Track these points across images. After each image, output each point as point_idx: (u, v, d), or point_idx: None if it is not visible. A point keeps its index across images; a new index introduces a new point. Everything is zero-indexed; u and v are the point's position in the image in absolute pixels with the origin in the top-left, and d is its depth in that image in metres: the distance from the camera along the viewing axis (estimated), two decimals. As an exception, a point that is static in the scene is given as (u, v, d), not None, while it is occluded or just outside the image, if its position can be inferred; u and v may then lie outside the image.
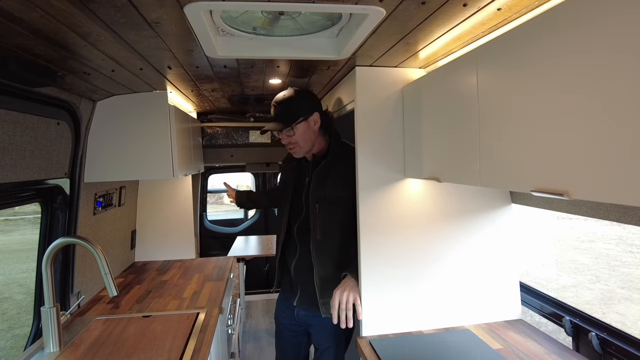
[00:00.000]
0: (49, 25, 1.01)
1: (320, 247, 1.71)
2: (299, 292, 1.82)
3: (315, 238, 1.70)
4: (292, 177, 1.83)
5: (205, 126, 3.19)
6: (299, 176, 1.80)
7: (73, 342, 1.69)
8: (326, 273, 1.72)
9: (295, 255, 1.80)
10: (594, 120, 0.74)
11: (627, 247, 10.84)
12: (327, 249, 1.71)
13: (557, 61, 0.83)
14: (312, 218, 1.70)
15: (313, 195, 1.70)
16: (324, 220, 1.69)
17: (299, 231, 1.77)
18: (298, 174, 1.81)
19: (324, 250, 1.71)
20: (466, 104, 1.21)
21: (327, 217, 1.69)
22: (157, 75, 1.70)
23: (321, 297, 1.73)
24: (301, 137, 1.69)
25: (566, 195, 0.79)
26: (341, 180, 1.72)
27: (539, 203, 1.61)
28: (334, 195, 1.71)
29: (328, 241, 1.71)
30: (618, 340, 1.39)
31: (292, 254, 1.82)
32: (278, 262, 1.90)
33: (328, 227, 1.70)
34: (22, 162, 1.47)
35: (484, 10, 1.06)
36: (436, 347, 1.59)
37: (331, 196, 1.70)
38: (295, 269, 1.81)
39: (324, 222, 1.69)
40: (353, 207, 1.69)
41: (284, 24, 1.34)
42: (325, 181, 1.71)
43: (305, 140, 1.71)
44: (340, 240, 1.73)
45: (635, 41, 0.65)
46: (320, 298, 1.73)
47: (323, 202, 1.70)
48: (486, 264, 1.80)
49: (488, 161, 1.10)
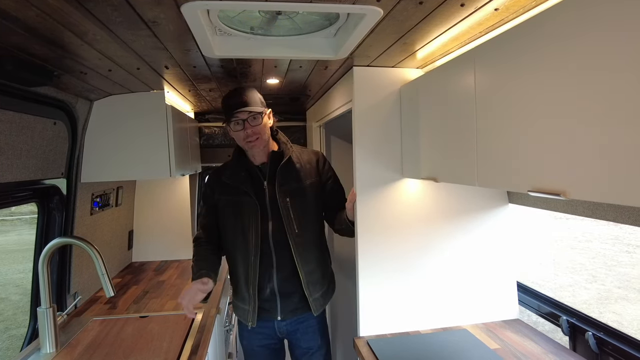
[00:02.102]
0: (45, 24, 1.01)
1: (300, 240, 1.66)
2: (279, 305, 1.70)
3: (293, 233, 1.65)
4: (249, 186, 1.66)
5: (202, 126, 3.19)
6: (254, 183, 1.67)
7: (70, 342, 1.68)
8: (309, 267, 1.69)
9: (273, 266, 1.67)
10: (591, 122, 0.74)
11: (624, 247, 10.88)
12: (305, 242, 1.68)
13: (555, 62, 0.83)
14: (285, 215, 1.65)
15: (281, 192, 1.65)
16: (297, 212, 1.66)
17: (275, 235, 1.66)
18: (252, 182, 1.67)
19: (304, 244, 1.67)
20: (464, 104, 1.21)
21: (300, 207, 1.67)
22: (154, 75, 1.69)
23: (310, 294, 1.69)
24: (264, 128, 1.62)
25: (563, 195, 0.79)
26: (306, 169, 1.72)
27: (536, 203, 1.62)
28: (303, 185, 1.69)
29: (305, 233, 1.68)
30: (614, 339, 1.40)
31: (268, 268, 1.68)
32: (251, 291, 1.67)
33: (303, 217, 1.67)
34: (19, 162, 1.47)
35: (481, 10, 1.06)
36: (434, 347, 1.59)
37: (300, 186, 1.69)
38: (278, 281, 1.68)
39: (298, 214, 1.66)
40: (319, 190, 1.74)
41: (281, 24, 1.33)
42: (290, 174, 1.68)
43: (265, 133, 1.64)
44: (315, 229, 1.74)
45: (633, 45, 0.66)
46: (310, 295, 1.69)
47: (294, 194, 1.66)
48: (483, 264, 1.81)
49: (485, 161, 1.11)
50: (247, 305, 1.70)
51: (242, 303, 1.73)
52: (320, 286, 1.74)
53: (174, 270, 2.76)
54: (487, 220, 1.79)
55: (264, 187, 1.67)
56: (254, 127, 1.59)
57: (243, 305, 1.73)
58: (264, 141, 1.64)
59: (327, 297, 1.79)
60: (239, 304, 1.76)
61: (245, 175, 1.68)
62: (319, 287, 1.73)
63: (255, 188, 1.67)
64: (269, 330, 1.77)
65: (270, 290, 1.69)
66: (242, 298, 1.73)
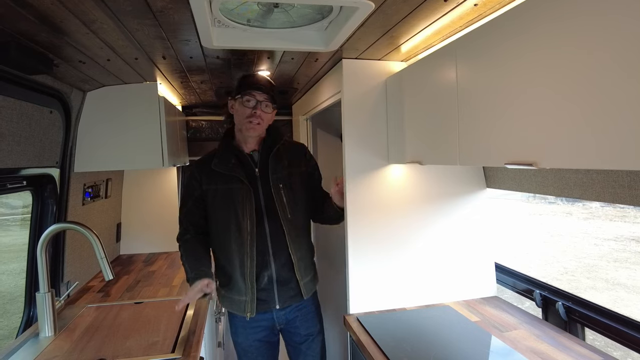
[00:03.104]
0: (57, 11, 1.06)
1: (292, 225, 1.69)
2: (277, 293, 1.70)
3: (286, 219, 1.67)
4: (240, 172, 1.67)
5: (189, 119, 3.22)
6: (246, 171, 1.68)
7: (67, 327, 1.72)
8: (301, 252, 1.72)
9: (269, 253, 1.68)
10: (556, 102, 0.86)
11: (592, 240, 11.40)
12: (297, 227, 1.72)
13: (525, 50, 0.95)
14: (278, 199, 1.67)
15: (274, 178, 1.69)
16: (289, 198, 1.70)
17: (270, 221, 1.68)
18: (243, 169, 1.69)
19: (296, 229, 1.71)
20: (446, 92, 1.32)
21: (291, 194, 1.71)
22: (150, 66, 1.74)
23: (302, 277, 1.72)
24: (269, 119, 1.68)
25: (534, 165, 0.91)
26: (294, 159, 1.77)
27: (511, 185, 1.76)
28: (293, 172, 1.74)
29: (297, 218, 1.72)
30: (581, 307, 1.55)
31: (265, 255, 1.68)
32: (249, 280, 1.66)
33: (294, 203, 1.71)
34: (18, 148, 1.50)
35: (462, 6, 1.18)
36: (420, 321, 1.70)
37: (290, 174, 1.73)
38: (276, 267, 1.69)
39: (290, 200, 1.70)
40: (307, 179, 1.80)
41: (276, 17, 1.42)
42: (280, 162, 1.72)
43: (267, 124, 1.68)
44: (305, 216, 1.78)
45: (583, 33, 0.78)
46: (301, 280, 1.71)
47: (285, 181, 1.71)
48: (464, 245, 1.94)
49: (465, 142, 1.22)
50: (244, 296, 1.67)
51: (237, 295, 1.68)
52: (309, 271, 1.78)
53: (163, 261, 2.80)
54: (467, 204, 1.92)
55: (255, 174, 1.69)
56: (263, 113, 1.63)
57: (238, 297, 1.68)
58: (262, 129, 1.67)
59: (314, 282, 1.82)
60: (233, 296, 1.70)
61: (236, 163, 1.68)
62: (309, 272, 1.77)
63: (248, 175, 1.68)
64: (267, 322, 1.74)
65: (267, 279, 1.68)
66: (237, 290, 1.68)
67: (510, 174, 1.77)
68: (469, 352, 1.44)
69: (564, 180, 1.44)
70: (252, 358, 1.77)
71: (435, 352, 1.44)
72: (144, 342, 1.56)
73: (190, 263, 1.67)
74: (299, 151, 1.82)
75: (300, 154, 1.82)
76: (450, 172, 1.91)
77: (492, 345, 1.48)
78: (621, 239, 11.35)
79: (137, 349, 1.50)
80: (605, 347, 1.57)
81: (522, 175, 1.69)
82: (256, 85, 1.61)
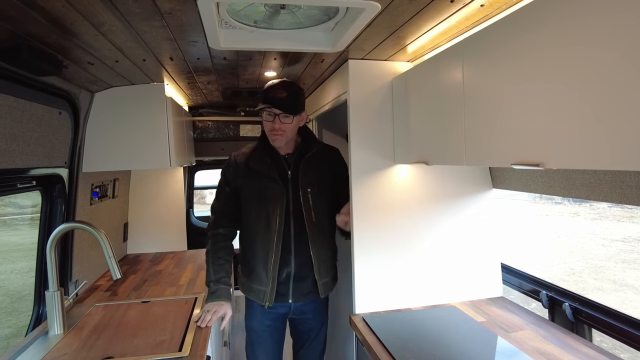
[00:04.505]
0: (68, 14, 1.08)
1: (316, 229, 1.80)
2: (291, 288, 1.83)
3: (310, 221, 1.78)
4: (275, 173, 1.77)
5: (196, 120, 3.24)
6: (279, 170, 1.79)
7: (76, 325, 1.74)
8: (322, 254, 1.83)
9: (292, 252, 1.79)
10: (563, 103, 0.86)
11: (600, 241, 11.31)
12: (320, 231, 1.82)
13: (533, 50, 0.95)
14: (305, 203, 1.78)
15: (303, 182, 1.78)
16: (315, 202, 1.79)
17: (296, 222, 1.78)
18: (279, 169, 1.79)
19: (319, 232, 1.81)
20: (452, 92, 1.32)
21: (318, 198, 1.80)
22: (157, 67, 1.76)
23: (320, 277, 1.83)
24: (292, 128, 1.74)
25: (541, 166, 0.91)
26: (326, 163, 1.86)
27: (518, 186, 1.75)
28: (321, 179, 1.82)
29: (321, 222, 1.81)
30: (587, 308, 1.54)
31: (287, 253, 1.79)
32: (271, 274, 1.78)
33: (319, 208, 1.80)
34: (28, 149, 1.52)
35: (469, 6, 1.18)
36: (425, 321, 1.70)
37: (319, 180, 1.82)
38: (296, 265, 1.80)
39: (315, 204, 1.79)
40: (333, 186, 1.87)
41: (283, 18, 1.43)
42: (311, 168, 1.80)
43: (291, 132, 1.75)
44: (329, 220, 1.86)
45: (593, 35, 0.78)
46: (319, 279, 1.83)
47: (313, 186, 1.79)
48: (470, 245, 1.93)
49: (472, 142, 1.22)
50: (265, 287, 1.79)
51: (258, 284, 1.81)
52: (330, 272, 1.90)
53: (170, 260, 2.82)
54: (473, 204, 1.92)
55: (288, 176, 1.79)
56: (282, 124, 1.69)
57: (259, 286, 1.81)
58: (286, 138, 1.75)
59: (333, 283, 1.94)
60: (253, 285, 1.83)
61: (272, 163, 1.78)
62: (329, 273, 1.89)
63: (281, 176, 1.78)
64: (284, 310, 1.88)
65: (286, 274, 1.80)
66: (258, 280, 1.81)
67: (516, 174, 1.76)
68: (474, 352, 1.44)
69: (571, 181, 1.43)
70: (262, 341, 1.91)
71: (441, 353, 1.44)
72: (151, 340, 1.58)
73: (215, 267, 1.82)
74: (331, 156, 1.91)
75: (332, 158, 1.91)
76: (457, 173, 1.90)
77: (498, 345, 1.48)
78: (629, 239, 11.24)
79: (144, 347, 1.51)
80: (613, 349, 1.56)
81: (529, 176, 1.68)
82: (271, 100, 1.67)
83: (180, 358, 1.44)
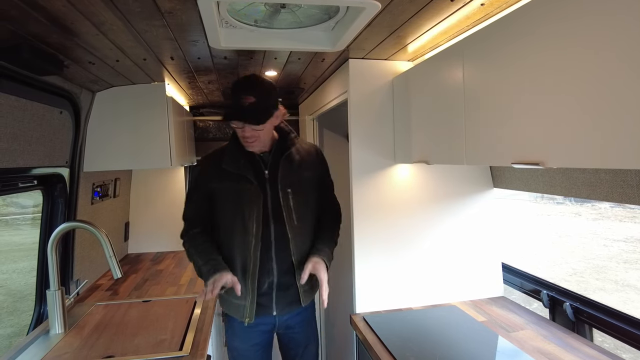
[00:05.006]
0: (68, 13, 1.08)
1: (298, 232, 1.61)
2: (275, 299, 1.64)
3: (292, 224, 1.60)
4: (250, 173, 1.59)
5: (197, 120, 3.25)
6: (255, 171, 1.60)
7: (77, 324, 1.74)
8: (303, 259, 1.62)
9: (273, 259, 1.61)
10: (563, 101, 0.86)
11: (601, 241, 11.28)
12: (302, 235, 1.63)
13: (532, 51, 0.95)
14: (285, 205, 1.60)
15: (283, 182, 1.60)
16: (297, 203, 1.62)
17: (276, 225, 1.60)
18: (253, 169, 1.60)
19: (302, 235, 1.63)
20: (453, 91, 1.32)
21: (300, 199, 1.63)
22: (158, 66, 1.76)
23: (302, 285, 1.63)
24: (266, 132, 1.57)
25: (541, 165, 0.91)
26: (306, 163, 1.67)
27: (519, 185, 1.75)
28: (302, 177, 1.65)
29: (303, 225, 1.64)
30: (588, 308, 1.53)
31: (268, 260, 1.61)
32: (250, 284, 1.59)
33: (301, 208, 1.63)
34: (29, 148, 1.52)
35: (469, 5, 1.18)
36: (426, 320, 1.70)
37: (300, 179, 1.64)
38: (278, 273, 1.62)
39: (297, 205, 1.62)
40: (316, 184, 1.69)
41: (283, 17, 1.43)
42: (292, 166, 1.62)
43: (267, 135, 1.58)
44: (311, 222, 1.69)
45: (592, 34, 0.78)
46: (301, 287, 1.64)
47: (294, 185, 1.62)
48: (471, 245, 1.93)
49: (472, 141, 1.22)
50: (244, 301, 1.60)
51: (236, 298, 1.61)
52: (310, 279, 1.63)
53: (171, 260, 2.82)
54: (474, 204, 1.92)
55: (265, 176, 1.61)
56: (253, 131, 1.51)
57: (237, 300, 1.62)
58: (262, 143, 1.59)
59: (314, 290, 1.72)
60: (232, 299, 1.63)
61: (246, 163, 1.60)
62: (309, 280, 1.62)
63: (257, 176, 1.60)
64: (267, 327, 1.69)
65: (268, 284, 1.62)
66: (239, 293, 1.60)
67: (517, 173, 1.76)
68: (475, 352, 1.43)
69: (571, 180, 1.43)
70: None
71: (442, 352, 1.44)
72: (152, 339, 1.58)
73: (202, 255, 1.60)
74: (311, 154, 1.71)
75: (313, 157, 1.71)
76: (457, 172, 1.90)
77: (498, 345, 1.48)
78: (631, 240, 11.21)
79: (145, 347, 1.52)
80: (615, 350, 1.56)
81: (529, 175, 1.68)
82: (237, 110, 1.49)
83: (181, 357, 1.44)
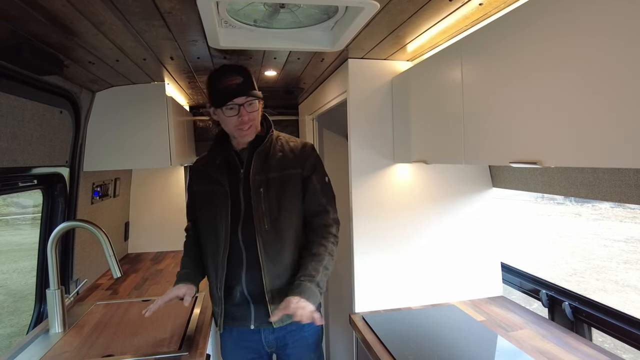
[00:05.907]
0: (68, 13, 1.08)
1: (269, 238, 1.45)
2: (253, 311, 1.49)
3: (262, 229, 1.44)
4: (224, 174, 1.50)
5: (197, 119, 3.25)
6: (231, 171, 1.51)
7: (77, 323, 1.74)
8: (277, 270, 1.46)
9: (243, 266, 1.47)
10: (560, 101, 0.86)
11: (602, 241, 11.28)
12: (276, 240, 1.46)
13: (530, 52, 0.95)
14: (256, 207, 1.45)
15: (254, 181, 1.46)
16: (270, 205, 1.46)
17: (245, 231, 1.46)
18: (229, 170, 1.51)
19: (274, 243, 1.46)
20: (451, 90, 1.33)
21: (275, 200, 1.47)
22: (158, 66, 1.77)
23: (272, 301, 1.45)
24: (259, 114, 1.48)
25: (539, 164, 0.91)
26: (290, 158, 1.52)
27: (518, 185, 1.75)
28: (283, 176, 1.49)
29: (278, 230, 1.46)
30: (587, 307, 1.54)
31: (237, 267, 1.47)
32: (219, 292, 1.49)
33: (276, 212, 1.46)
34: (29, 147, 1.53)
35: (467, 5, 1.18)
36: (425, 320, 1.71)
37: (278, 176, 1.48)
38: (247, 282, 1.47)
39: (271, 207, 1.46)
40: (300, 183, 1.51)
41: (282, 17, 1.43)
42: (268, 162, 1.49)
43: (258, 120, 1.49)
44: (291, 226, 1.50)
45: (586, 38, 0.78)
46: (270, 303, 1.45)
47: (269, 184, 1.47)
48: (470, 244, 1.93)
49: (471, 141, 1.22)
50: (217, 307, 1.53)
51: (213, 304, 1.57)
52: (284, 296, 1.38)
53: (171, 259, 2.83)
54: (473, 203, 1.92)
55: (239, 176, 1.49)
56: (250, 113, 1.43)
57: (215, 307, 1.56)
58: (256, 128, 1.49)
59: None
60: (212, 305, 1.60)
61: (221, 163, 1.52)
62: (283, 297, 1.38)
63: (231, 176, 1.50)
64: (254, 344, 1.54)
65: (240, 294, 1.48)
66: (213, 299, 1.56)
67: (516, 173, 1.76)
68: (474, 351, 1.44)
69: (570, 180, 1.43)
70: None
71: (441, 352, 1.44)
72: (152, 339, 1.58)
73: (183, 260, 1.61)
74: (297, 150, 1.54)
75: (298, 152, 1.53)
76: (456, 172, 1.90)
77: (498, 344, 1.48)
78: (631, 240, 11.22)
79: (144, 346, 1.52)
80: (615, 350, 1.56)
81: (528, 175, 1.68)
82: (232, 91, 1.39)
83: (180, 356, 1.44)
